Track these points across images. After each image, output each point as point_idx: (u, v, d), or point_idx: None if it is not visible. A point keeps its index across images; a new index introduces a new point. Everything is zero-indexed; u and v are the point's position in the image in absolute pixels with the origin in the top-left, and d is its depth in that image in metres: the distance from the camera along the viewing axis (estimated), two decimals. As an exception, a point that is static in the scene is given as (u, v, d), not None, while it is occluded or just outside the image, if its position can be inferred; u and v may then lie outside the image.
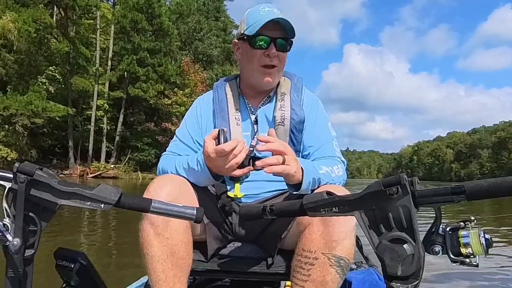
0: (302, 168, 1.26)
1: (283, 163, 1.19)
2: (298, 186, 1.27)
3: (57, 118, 28.76)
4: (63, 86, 32.60)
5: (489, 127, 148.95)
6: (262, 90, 1.55)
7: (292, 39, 1.48)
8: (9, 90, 27.23)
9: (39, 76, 29.77)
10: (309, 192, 1.29)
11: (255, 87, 1.55)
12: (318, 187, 1.32)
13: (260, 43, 1.44)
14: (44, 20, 28.07)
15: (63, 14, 31.08)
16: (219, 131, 1.26)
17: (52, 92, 30.33)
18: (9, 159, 24.53)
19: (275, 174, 1.19)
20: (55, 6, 30.82)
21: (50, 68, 30.77)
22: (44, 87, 29.46)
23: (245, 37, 1.48)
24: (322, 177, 1.32)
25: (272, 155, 1.21)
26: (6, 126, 26.55)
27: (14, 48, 26.21)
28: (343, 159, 1.51)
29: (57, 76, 31.73)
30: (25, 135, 27.85)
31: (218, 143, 1.23)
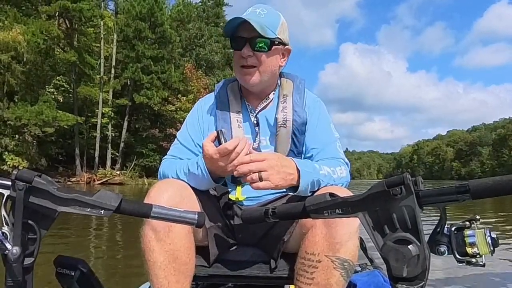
0: (298, 169, 1.26)
1: (261, 179, 1.19)
2: (295, 187, 1.26)
3: (65, 126, 29.34)
4: (69, 95, 33.19)
5: (489, 125, 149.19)
6: (253, 91, 1.54)
7: (271, 38, 1.42)
8: (16, 100, 27.86)
9: (46, 86, 30.50)
10: (309, 194, 1.28)
11: (246, 88, 1.55)
12: (319, 188, 1.31)
13: (237, 44, 1.44)
14: (52, 31, 28.75)
15: (68, 25, 31.61)
16: (218, 132, 1.26)
17: (61, 101, 31.03)
18: (20, 168, 24.55)
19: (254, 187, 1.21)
20: (58, 17, 31.37)
21: (58, 77, 31.58)
22: (53, 96, 30.14)
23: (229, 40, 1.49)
24: (322, 178, 1.31)
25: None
26: (17, 136, 27.12)
27: (24, 59, 26.87)
28: (346, 160, 1.50)
29: (65, 85, 32.48)
30: (34, 144, 28.39)
31: (219, 143, 1.23)
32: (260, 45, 1.42)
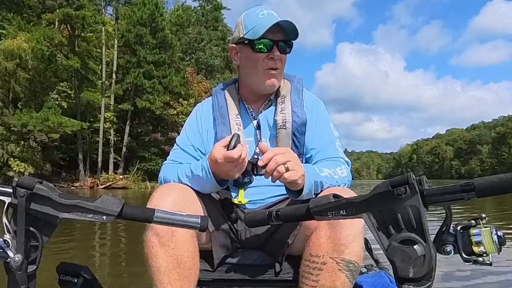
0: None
1: (287, 170, 1.17)
2: (299, 192, 1.25)
3: (68, 132, 29.76)
4: (72, 100, 33.54)
5: (488, 123, 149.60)
6: (264, 93, 1.54)
7: (293, 41, 1.47)
8: (20, 106, 28.39)
9: (50, 92, 31.07)
10: (313, 196, 1.27)
11: (257, 91, 1.54)
12: (321, 190, 1.30)
13: (263, 46, 1.43)
14: (56, 38, 29.41)
15: (71, 32, 31.98)
16: (233, 135, 1.26)
17: (65, 107, 31.50)
18: (26, 173, 25.14)
19: (280, 180, 1.19)
20: (60, 23, 31.77)
21: (61, 84, 32.08)
22: (57, 102, 30.62)
23: (245, 41, 1.46)
24: (324, 180, 1.30)
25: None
26: (22, 142, 27.61)
27: (29, 66, 27.46)
28: (346, 159, 1.49)
29: (68, 92, 32.87)
30: (39, 149, 28.91)
31: (228, 147, 1.23)
32: (286, 48, 1.47)
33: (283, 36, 1.44)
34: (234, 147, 1.22)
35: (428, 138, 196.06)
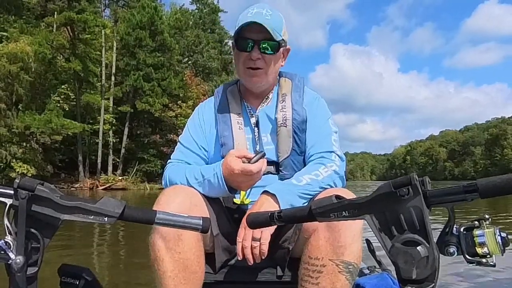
0: (274, 194, 1.26)
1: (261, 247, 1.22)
2: None
3: (70, 134, 30.14)
4: (72, 102, 33.82)
5: (481, 124, 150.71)
6: (255, 91, 1.54)
7: (278, 41, 1.42)
8: (21, 108, 28.65)
9: (52, 94, 31.47)
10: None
11: (249, 89, 1.54)
12: (312, 198, 1.29)
13: (244, 45, 1.43)
14: (58, 41, 29.94)
15: (71, 35, 32.25)
16: (261, 153, 1.27)
17: (67, 109, 31.97)
18: (29, 175, 25.30)
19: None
20: (62, 26, 31.96)
21: (63, 86, 32.59)
22: (58, 105, 31.06)
23: (234, 39, 1.48)
24: (305, 188, 1.29)
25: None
26: (24, 144, 27.93)
27: (32, 69, 27.83)
28: (338, 153, 1.45)
29: (70, 94, 33.32)
30: (41, 151, 29.23)
31: (251, 161, 1.25)
32: (269, 48, 1.43)
33: (266, 35, 1.40)
34: (255, 162, 1.23)
35: (422, 139, 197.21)
